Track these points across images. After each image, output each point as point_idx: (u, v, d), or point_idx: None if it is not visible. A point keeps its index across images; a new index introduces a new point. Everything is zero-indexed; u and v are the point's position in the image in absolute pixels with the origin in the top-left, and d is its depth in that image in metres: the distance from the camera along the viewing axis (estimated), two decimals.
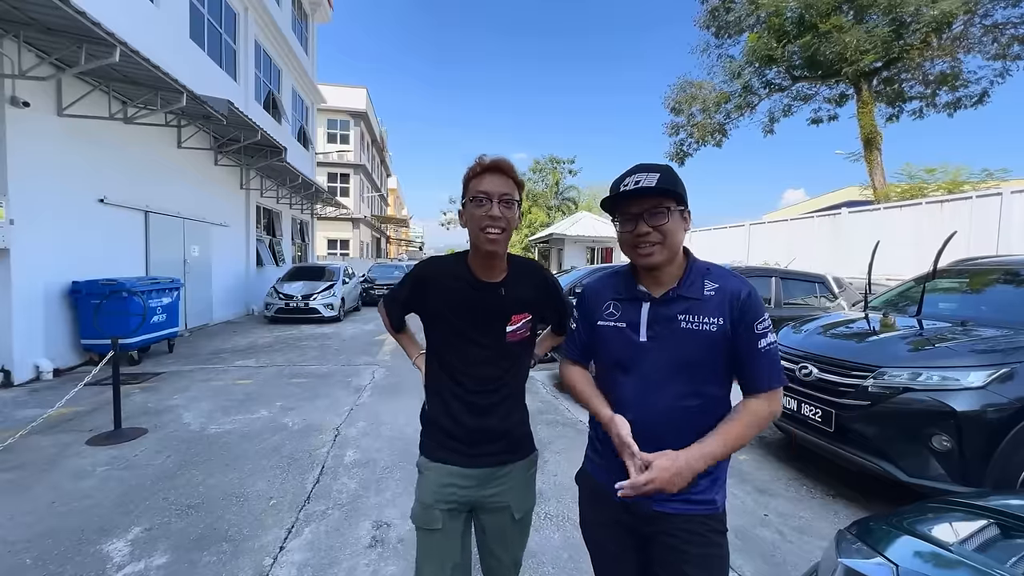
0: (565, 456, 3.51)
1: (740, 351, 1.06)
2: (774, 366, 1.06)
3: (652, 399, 1.07)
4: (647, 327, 1.09)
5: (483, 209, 1.19)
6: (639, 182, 1.04)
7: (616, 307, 1.15)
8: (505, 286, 1.31)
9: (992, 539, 1.09)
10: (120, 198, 6.74)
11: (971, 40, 12.52)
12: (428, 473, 1.32)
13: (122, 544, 2.33)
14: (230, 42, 10.44)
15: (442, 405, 1.32)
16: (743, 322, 1.04)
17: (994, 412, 2.41)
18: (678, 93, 17.06)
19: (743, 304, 1.05)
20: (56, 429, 3.83)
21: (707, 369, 1.06)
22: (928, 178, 14.31)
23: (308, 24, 16.66)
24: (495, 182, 1.21)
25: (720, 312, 1.05)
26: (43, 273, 5.45)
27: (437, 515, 1.27)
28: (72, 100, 5.69)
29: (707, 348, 1.05)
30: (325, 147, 23.40)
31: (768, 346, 1.06)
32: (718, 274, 1.11)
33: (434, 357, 1.36)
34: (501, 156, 1.25)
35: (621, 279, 1.19)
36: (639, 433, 1.06)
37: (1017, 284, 3.45)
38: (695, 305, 1.07)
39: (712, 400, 1.08)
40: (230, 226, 10.61)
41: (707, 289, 1.08)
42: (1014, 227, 6.82)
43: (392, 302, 1.49)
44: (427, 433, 1.37)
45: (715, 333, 1.04)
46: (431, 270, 1.36)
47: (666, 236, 1.05)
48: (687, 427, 1.05)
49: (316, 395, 5.01)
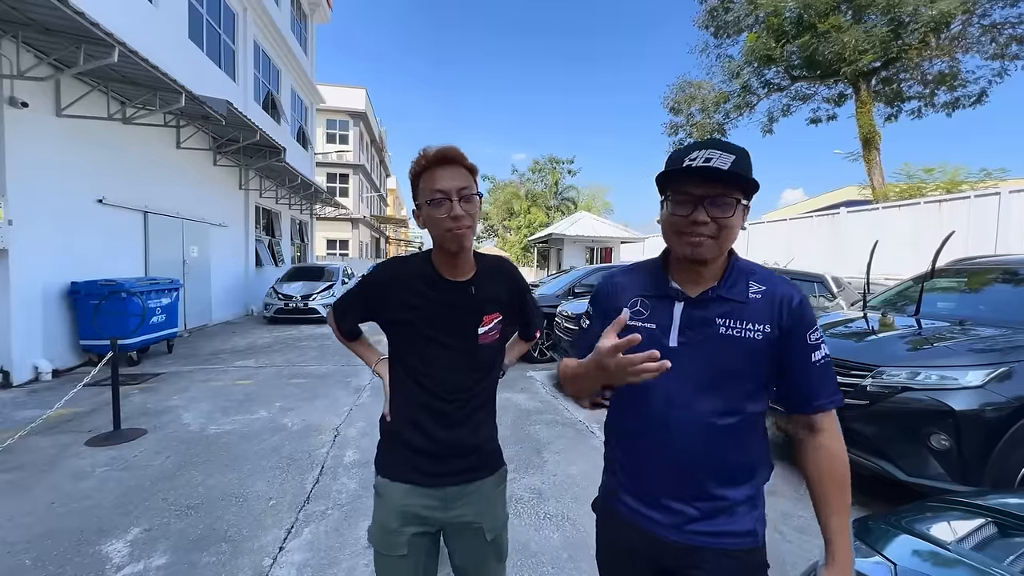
0: (564, 456, 3.51)
1: (790, 365, 0.93)
2: (831, 382, 0.94)
3: (681, 415, 0.93)
4: (679, 331, 0.95)
5: (443, 210, 1.09)
6: (710, 160, 0.87)
7: (644, 305, 1.00)
8: (475, 284, 1.21)
9: (990, 538, 1.10)
10: (119, 198, 6.73)
11: (969, 40, 12.56)
12: (388, 495, 1.19)
13: (121, 545, 2.33)
14: (229, 42, 10.43)
15: (407, 416, 1.20)
16: (795, 332, 0.92)
17: (992, 411, 2.41)
18: (677, 93, 17.10)
19: (795, 312, 0.92)
20: (55, 430, 3.82)
21: (747, 382, 0.93)
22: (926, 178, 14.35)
23: (307, 24, 16.65)
24: (450, 176, 1.09)
25: (768, 319, 0.92)
26: (42, 273, 5.44)
27: (402, 540, 1.16)
28: (71, 100, 5.68)
29: (749, 358, 0.92)
30: (324, 147, 23.39)
31: (823, 359, 0.93)
32: (765, 276, 0.97)
33: (398, 363, 1.24)
34: (448, 145, 1.13)
35: (650, 274, 1.04)
36: (664, 452, 0.94)
37: (1015, 283, 3.46)
38: (737, 309, 0.93)
39: (749, 419, 0.94)
40: (229, 226, 10.60)
41: (752, 292, 0.94)
42: (1012, 226, 6.84)
43: (346, 310, 1.33)
44: (388, 448, 1.24)
45: (760, 342, 0.91)
46: (392, 271, 1.23)
47: (724, 231, 0.90)
48: (720, 449, 0.93)
49: (315, 395, 5.01)
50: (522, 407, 4.77)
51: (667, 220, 0.96)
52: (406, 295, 1.18)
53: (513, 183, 34.66)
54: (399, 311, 1.19)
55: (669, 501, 0.95)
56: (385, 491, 1.20)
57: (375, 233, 32.71)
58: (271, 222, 13.99)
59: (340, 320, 1.35)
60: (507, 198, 33.61)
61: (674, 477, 0.94)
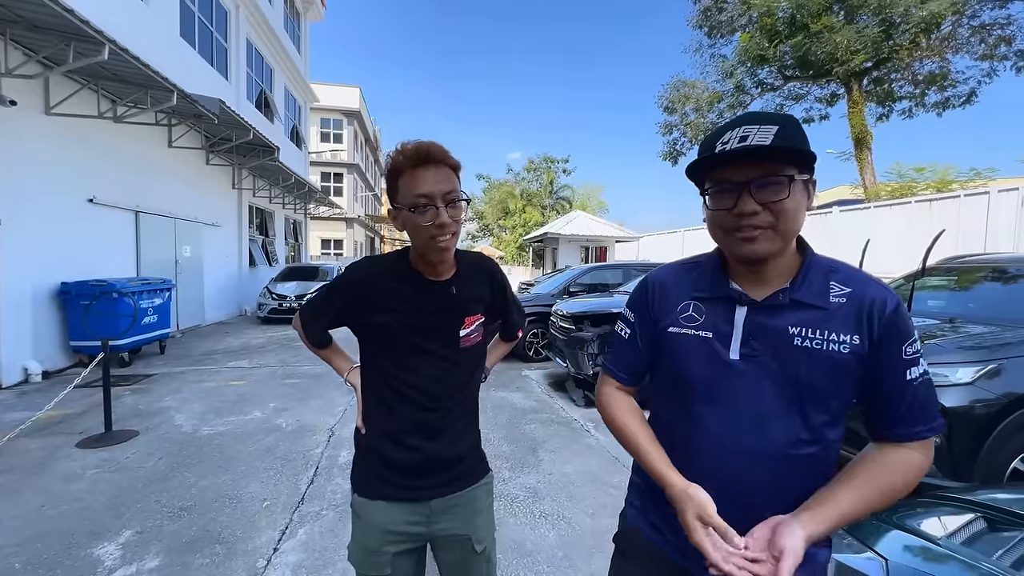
0: (559, 455, 3.51)
1: (881, 383, 0.76)
2: (929, 405, 0.77)
3: (753, 442, 0.77)
4: (742, 341, 0.79)
5: (427, 217, 0.98)
6: (746, 138, 0.73)
7: (698, 309, 0.85)
8: (456, 284, 1.13)
9: (979, 532, 1.11)
10: (110, 198, 6.66)
11: (959, 40, 12.70)
12: (367, 515, 1.11)
13: (113, 547, 2.31)
14: (221, 41, 10.35)
15: (385, 428, 1.11)
16: (888, 344, 0.75)
17: (982, 408, 2.44)
18: (671, 92, 17.17)
19: (888, 320, 0.75)
20: (45, 432, 3.78)
21: (831, 403, 0.76)
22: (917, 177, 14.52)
23: (300, 22, 16.55)
24: (434, 178, 0.98)
25: (855, 328, 0.75)
26: (31, 274, 5.38)
27: (385, 560, 1.09)
28: (60, 99, 5.62)
29: (833, 375, 0.75)
30: (318, 146, 23.26)
31: (922, 377, 0.76)
32: (850, 276, 0.80)
33: (373, 371, 1.14)
34: (430, 141, 1.01)
35: (705, 272, 0.88)
36: (727, 488, 0.77)
37: (1004, 281, 3.51)
38: (816, 316, 0.77)
39: (831, 445, 0.78)
40: (222, 226, 10.53)
41: (834, 295, 0.78)
42: (1001, 225, 6.93)
43: (315, 315, 1.20)
44: (363, 464, 1.15)
45: (846, 356, 0.75)
46: (367, 272, 1.13)
47: (781, 217, 0.74)
48: (799, 482, 0.77)
49: (310, 396, 4.99)
50: (517, 406, 4.77)
51: (711, 218, 0.81)
52: (383, 297, 1.09)
53: (508, 182, 34.64)
54: (376, 314, 1.09)
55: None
56: (363, 510, 1.11)
57: (370, 233, 32.59)
58: (265, 221, 13.90)
59: (308, 326, 1.22)
60: (502, 197, 33.58)
61: (744, 517, 0.75)
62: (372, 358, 1.14)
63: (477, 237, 38.01)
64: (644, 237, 18.75)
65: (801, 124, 0.78)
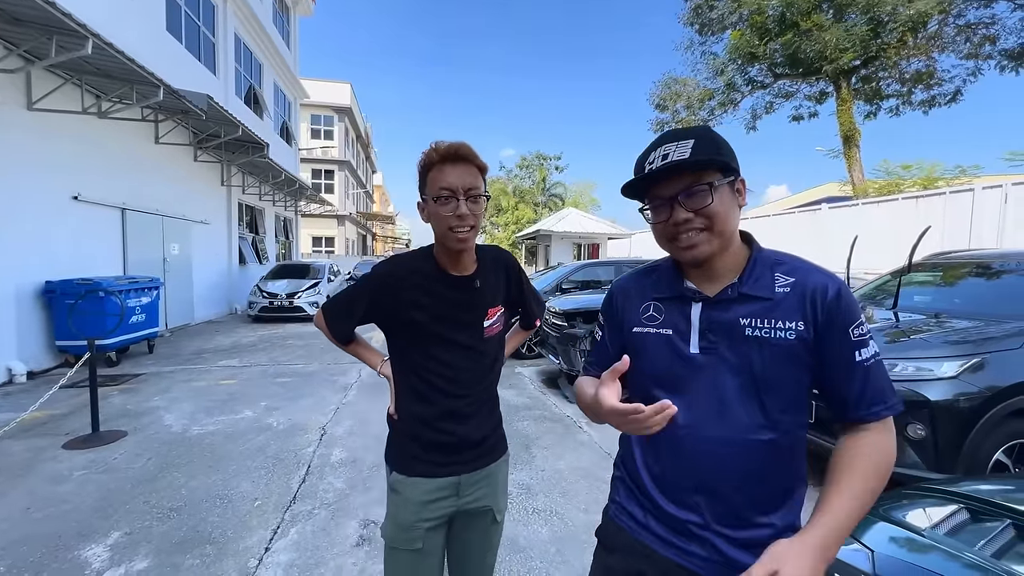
0: (552, 451, 3.52)
1: (831, 366, 0.80)
2: (882, 384, 0.79)
3: (714, 430, 0.82)
4: (699, 335, 0.85)
5: (449, 208, 1.08)
6: (667, 156, 0.80)
7: (658, 309, 0.91)
8: (479, 278, 1.22)
9: (962, 523, 1.13)
10: (95, 195, 6.55)
11: (945, 39, 12.86)
12: (405, 491, 1.19)
13: (101, 549, 2.28)
14: (209, 35, 10.19)
15: (417, 414, 1.20)
16: (833, 327, 0.79)
17: (966, 401, 2.49)
18: (663, 90, 17.21)
19: (832, 304, 0.79)
20: (30, 433, 3.72)
21: (785, 390, 0.81)
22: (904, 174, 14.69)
23: (290, 17, 16.35)
24: (459, 174, 1.08)
25: (799, 314, 0.80)
26: (13, 273, 5.27)
27: (417, 534, 1.17)
28: (43, 94, 5.50)
29: (783, 362, 0.79)
30: (309, 143, 23.04)
31: (872, 358, 0.79)
32: (794, 266, 0.85)
33: (405, 363, 1.22)
34: (461, 141, 1.10)
35: (663, 274, 0.94)
36: (694, 475, 0.83)
37: (988, 277, 3.57)
38: (764, 306, 0.82)
39: (791, 431, 0.82)
40: (211, 223, 10.39)
41: (779, 285, 0.83)
42: (985, 222, 7.04)
43: (343, 313, 1.25)
44: (399, 445, 1.24)
45: (793, 342, 0.79)
46: (396, 270, 1.20)
47: (714, 219, 0.81)
48: (760, 468, 0.81)
49: (301, 394, 4.96)
50: (510, 403, 4.77)
51: (654, 231, 0.89)
52: (411, 294, 1.17)
53: (501, 179, 34.59)
54: (405, 310, 1.17)
55: (702, 531, 0.83)
56: (401, 487, 1.20)
57: (361, 230, 32.37)
58: (255, 219, 13.75)
59: (334, 324, 1.28)
60: (495, 194, 33.54)
61: (709, 503, 0.82)
62: (402, 351, 1.22)
63: None
64: (636, 234, 18.82)
65: (715, 132, 0.85)
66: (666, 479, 0.87)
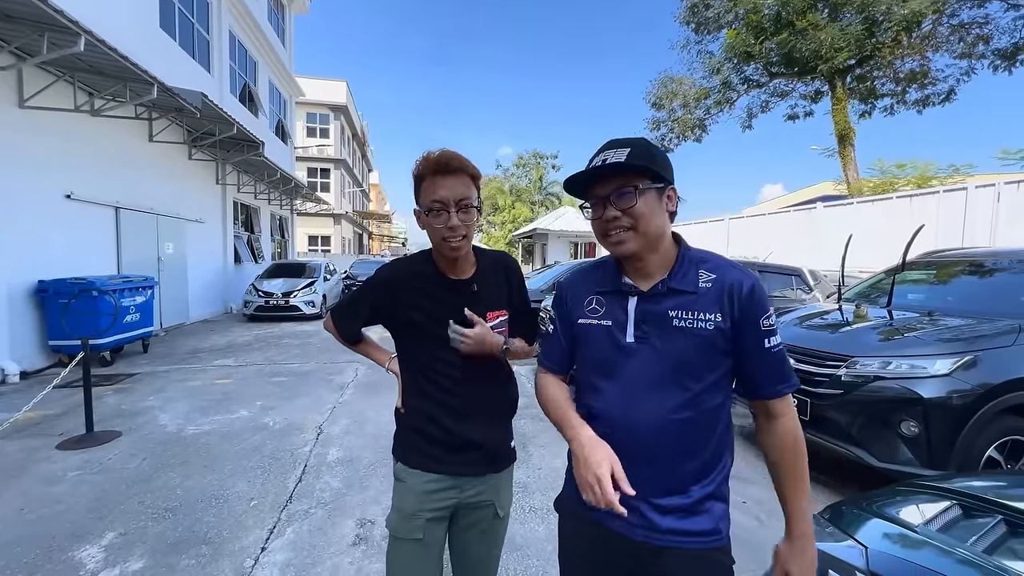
0: (549, 450, 3.53)
1: (744, 352, 0.92)
2: (785, 367, 0.94)
3: (640, 410, 0.93)
4: (634, 326, 0.95)
5: (441, 220, 1.12)
6: (606, 159, 0.91)
7: (599, 302, 1.01)
8: (477, 282, 1.25)
9: (955, 519, 1.14)
10: (89, 194, 6.50)
11: (939, 39, 12.93)
12: (408, 480, 1.23)
13: (95, 550, 2.27)
14: (203, 32, 10.12)
15: (421, 410, 1.25)
16: (746, 319, 0.91)
17: (959, 398, 2.51)
18: (659, 89, 17.22)
19: (745, 299, 0.91)
20: (23, 433, 3.69)
21: (704, 374, 0.92)
22: (898, 173, 14.77)
23: (285, 15, 16.25)
24: (450, 185, 1.11)
25: (718, 307, 0.91)
26: (5, 272, 5.22)
27: (419, 524, 1.20)
28: (35, 91, 5.45)
29: (703, 349, 0.91)
30: (304, 141, 22.94)
31: (777, 346, 0.93)
32: (716, 264, 0.96)
33: (409, 361, 1.28)
34: (450, 151, 1.13)
35: (605, 271, 1.04)
36: (624, 451, 0.91)
37: (980, 275, 3.60)
38: (689, 300, 0.93)
39: (710, 411, 0.93)
40: (206, 222, 10.33)
41: (702, 281, 0.93)
42: (978, 220, 7.09)
43: (349, 314, 1.34)
44: (404, 438, 1.29)
45: (712, 331, 0.90)
46: (398, 273, 1.26)
47: (638, 220, 0.91)
48: (681, 443, 0.92)
49: (298, 394, 4.94)
50: None
51: (592, 227, 1.00)
52: (413, 296, 1.22)
53: (497, 178, 34.56)
54: (406, 312, 1.23)
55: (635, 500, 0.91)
56: (405, 476, 1.24)
57: (358, 229, 32.27)
58: (250, 218, 13.68)
59: (341, 325, 1.36)
60: (491, 193, 33.50)
61: (638, 475, 0.90)
62: (407, 350, 1.28)
63: None
64: None
65: (654, 145, 0.96)
66: None
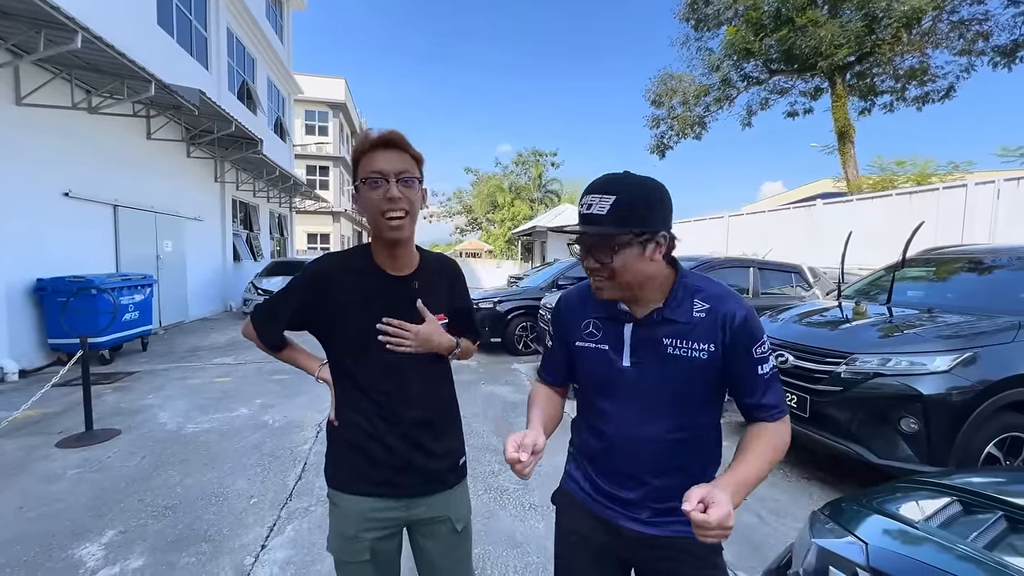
0: (549, 447, 3.51)
1: (738, 379, 0.96)
2: (777, 394, 0.96)
3: (636, 431, 0.97)
4: (631, 351, 0.98)
5: (379, 191, 1.02)
6: (590, 207, 0.89)
7: (596, 327, 1.03)
8: (417, 279, 1.15)
9: (955, 515, 1.14)
10: (87, 192, 6.47)
11: (939, 36, 12.90)
12: (344, 504, 1.11)
13: (96, 548, 2.27)
14: (201, 29, 10.07)
15: (355, 424, 1.11)
16: (738, 348, 0.93)
17: (958, 395, 2.51)
18: (659, 86, 17.16)
19: (738, 329, 0.93)
20: (22, 432, 3.68)
21: (697, 398, 0.97)
22: (898, 170, 14.74)
23: (283, 11, 16.18)
24: (389, 159, 1.04)
25: (711, 337, 0.93)
26: (3, 270, 5.21)
27: (364, 546, 1.09)
28: (32, 89, 5.42)
29: (696, 376, 0.94)
30: (303, 139, 22.87)
31: (770, 372, 0.95)
32: (711, 293, 0.97)
33: (340, 369, 1.14)
34: (392, 129, 1.06)
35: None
36: (620, 466, 1.00)
37: (980, 272, 3.60)
38: (683, 329, 0.94)
39: (702, 430, 0.99)
40: (205, 220, 10.31)
41: (696, 311, 0.95)
42: (977, 217, 7.09)
43: (271, 316, 1.18)
44: (338, 457, 1.14)
45: (705, 360, 0.93)
46: (329, 267, 1.13)
47: (615, 273, 0.91)
48: (673, 461, 0.97)
49: (297, 392, 4.94)
50: (507, 399, 4.78)
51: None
52: (344, 294, 1.10)
53: (496, 176, 34.49)
54: (336, 312, 1.10)
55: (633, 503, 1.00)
56: (339, 501, 1.12)
57: (357, 226, 32.23)
58: (249, 215, 13.65)
59: (263, 329, 1.19)
60: (491, 191, 33.43)
61: (636, 484, 0.99)
62: (337, 356, 1.15)
63: (466, 231, 37.84)
64: None
65: (642, 186, 0.90)
66: (603, 465, 1.04)
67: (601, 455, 1.04)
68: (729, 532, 0.75)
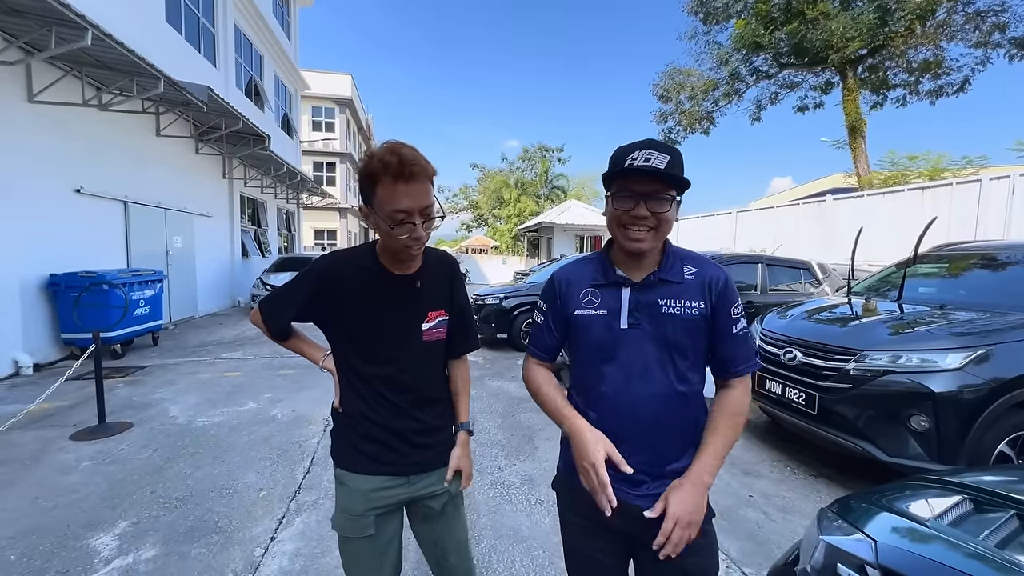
0: (554, 443, 3.52)
1: (716, 335, 1.07)
2: (750, 350, 1.09)
3: (638, 388, 1.03)
4: (628, 314, 1.05)
5: (405, 230, 1.03)
6: (649, 160, 0.96)
7: (595, 294, 1.09)
8: (420, 279, 1.18)
9: (966, 514, 1.13)
10: (97, 188, 6.55)
11: (954, 28, 12.63)
12: (351, 483, 1.18)
13: (109, 538, 2.31)
14: (208, 26, 10.12)
15: (359, 411, 1.18)
16: (721, 307, 1.05)
17: (970, 393, 2.48)
18: (666, 80, 16.99)
19: (722, 290, 1.06)
20: (38, 424, 3.75)
21: (691, 354, 1.05)
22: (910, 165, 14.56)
23: (290, 8, 16.20)
24: (414, 194, 1.00)
25: (701, 296, 1.05)
26: (17, 266, 5.29)
27: (369, 522, 1.16)
28: (43, 86, 5.48)
29: (690, 332, 1.04)
30: (310, 135, 22.93)
31: (743, 330, 1.08)
32: (696, 260, 1.10)
33: (344, 359, 1.20)
34: (408, 149, 1.00)
35: (597, 264, 1.13)
36: (625, 430, 1.03)
37: (993, 268, 3.54)
38: (676, 289, 1.05)
39: (694, 387, 1.07)
40: (213, 216, 10.40)
41: (687, 273, 1.07)
42: (992, 213, 6.97)
43: (279, 306, 1.21)
44: (345, 440, 1.22)
45: (697, 317, 1.04)
46: (337, 263, 1.17)
47: (661, 224, 1.01)
48: (674, 417, 1.05)
49: (305, 386, 4.98)
50: (513, 395, 4.79)
51: (612, 215, 1.05)
52: (349, 290, 1.14)
53: (503, 172, 34.42)
54: (341, 307, 1.14)
55: (630, 480, 1.03)
56: (347, 480, 1.19)
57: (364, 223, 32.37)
58: (257, 212, 13.74)
59: (271, 319, 1.22)
60: (497, 187, 33.39)
61: (636, 447, 1.03)
62: (340, 350, 1.21)
63: (472, 227, 37.85)
64: None
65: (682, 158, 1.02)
66: (602, 430, 1.04)
67: (600, 420, 1.06)
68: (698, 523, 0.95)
